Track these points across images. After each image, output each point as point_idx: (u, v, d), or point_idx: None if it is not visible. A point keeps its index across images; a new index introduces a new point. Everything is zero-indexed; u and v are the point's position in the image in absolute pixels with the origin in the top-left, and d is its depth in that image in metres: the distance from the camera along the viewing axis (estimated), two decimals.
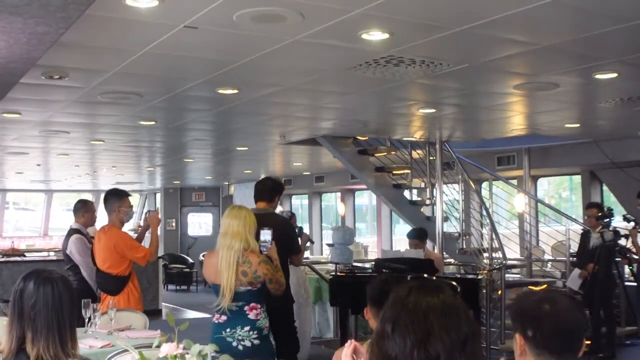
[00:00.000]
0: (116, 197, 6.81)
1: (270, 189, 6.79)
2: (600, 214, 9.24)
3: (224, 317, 4.98)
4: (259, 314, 5.04)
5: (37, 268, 3.29)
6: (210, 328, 5.15)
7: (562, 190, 19.43)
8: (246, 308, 4.98)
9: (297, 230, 7.04)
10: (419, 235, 8.88)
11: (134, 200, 22.00)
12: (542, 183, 15.33)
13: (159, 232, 7.33)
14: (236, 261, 4.87)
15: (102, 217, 7.43)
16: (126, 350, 4.03)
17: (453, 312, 2.18)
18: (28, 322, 3.04)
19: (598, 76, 6.56)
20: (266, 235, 5.29)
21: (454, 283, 7.30)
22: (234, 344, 4.96)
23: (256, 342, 4.97)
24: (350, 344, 3.79)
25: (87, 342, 5.10)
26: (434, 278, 7.62)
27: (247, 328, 4.97)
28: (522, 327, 2.48)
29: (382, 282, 4.00)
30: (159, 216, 7.18)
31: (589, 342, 2.54)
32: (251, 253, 4.96)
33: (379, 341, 2.17)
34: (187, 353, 2.64)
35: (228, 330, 4.99)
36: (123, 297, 6.58)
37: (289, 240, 6.57)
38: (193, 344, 2.69)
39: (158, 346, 2.72)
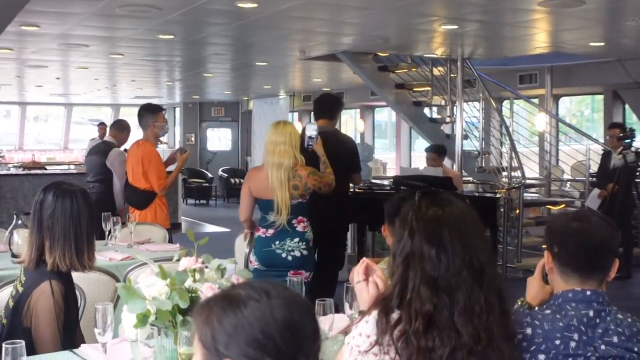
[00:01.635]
0: (150, 112, 6.80)
1: (331, 106, 6.76)
2: (622, 135, 9.16)
3: (271, 231, 5.11)
4: (306, 227, 5.21)
5: (57, 180, 3.33)
6: (257, 241, 5.25)
7: (584, 108, 19.23)
8: (294, 221, 5.14)
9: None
10: (437, 150, 8.84)
11: None
12: (564, 101, 15.15)
13: (177, 147, 7.35)
14: (287, 178, 4.97)
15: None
16: (146, 264, 4.09)
17: (478, 220, 2.22)
18: (46, 232, 3.13)
19: None
20: (312, 130, 5.42)
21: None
22: (284, 255, 5.13)
23: (305, 252, 5.17)
24: (362, 262, 3.81)
25: (107, 254, 5.17)
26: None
27: (296, 239, 5.15)
28: (550, 243, 2.48)
29: (399, 199, 4.00)
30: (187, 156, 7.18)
31: None
32: (300, 167, 5.06)
33: (412, 263, 2.16)
34: (206, 267, 2.66)
35: (277, 242, 5.14)
36: (150, 212, 6.64)
37: (351, 158, 6.58)
38: (212, 258, 2.71)
39: (178, 260, 2.74)
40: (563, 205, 11.16)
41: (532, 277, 2.64)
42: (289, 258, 5.12)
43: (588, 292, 2.37)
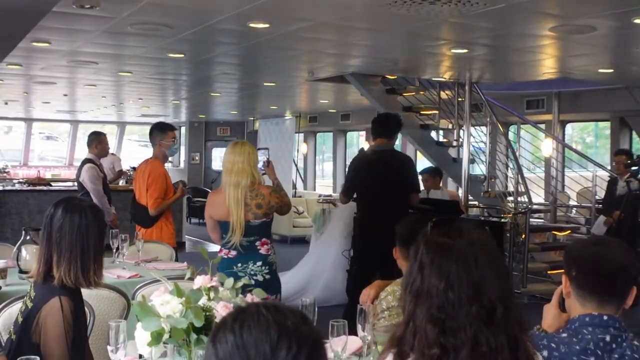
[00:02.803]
0: (159, 131, 6.85)
1: (390, 126, 6.78)
2: (629, 162, 9.16)
3: (234, 252, 4.98)
4: (269, 249, 5.08)
5: (68, 196, 3.34)
6: (220, 262, 5.04)
7: (586, 136, 19.24)
8: (258, 243, 5.02)
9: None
10: (431, 172, 8.85)
11: None
12: (567, 128, 15.16)
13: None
14: (244, 198, 4.88)
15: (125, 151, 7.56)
16: (156, 281, 4.08)
17: (493, 253, 2.14)
18: (55, 245, 3.14)
19: (637, 20, 6.41)
20: (263, 157, 5.40)
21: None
22: (246, 278, 4.96)
23: (267, 276, 5.02)
24: (372, 286, 3.79)
25: (115, 272, 5.16)
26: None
27: (259, 263, 5.01)
28: (568, 267, 2.47)
29: (412, 222, 3.99)
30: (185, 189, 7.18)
31: None
32: (260, 185, 4.99)
33: (420, 300, 2.08)
34: (221, 286, 2.65)
35: (239, 265, 5.01)
36: (156, 230, 6.64)
37: (410, 178, 6.57)
38: (226, 277, 2.70)
39: (190, 278, 2.73)
40: (569, 232, 11.15)
41: (548, 305, 2.61)
42: (252, 282, 4.86)
43: (605, 317, 2.36)
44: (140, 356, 2.64)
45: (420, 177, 8.79)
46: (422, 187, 8.72)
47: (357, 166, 7.09)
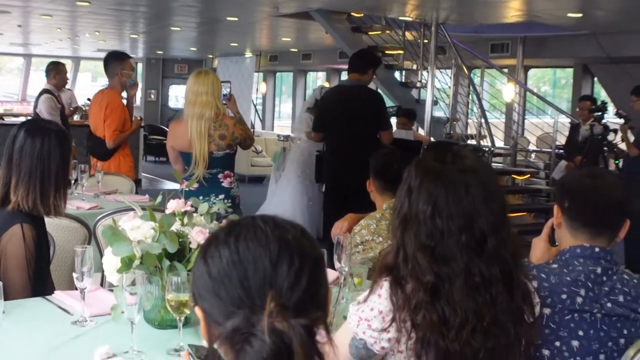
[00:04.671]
0: (117, 60, 6.59)
1: (363, 60, 6.62)
2: (594, 107, 9.16)
3: (195, 185, 4.78)
4: (232, 182, 4.96)
5: (37, 118, 3.19)
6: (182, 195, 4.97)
7: (542, 85, 19.33)
8: (220, 176, 4.90)
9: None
10: (408, 114, 8.76)
11: None
12: None
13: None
14: (207, 130, 4.72)
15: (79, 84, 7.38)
16: (117, 212, 3.94)
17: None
18: (14, 168, 2.99)
19: None
20: (225, 88, 5.19)
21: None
22: (221, 202, 4.83)
23: (230, 210, 4.78)
24: (345, 219, 3.71)
25: (74, 203, 5.02)
26: None
27: (221, 196, 4.89)
28: (561, 198, 2.40)
29: (385, 154, 3.90)
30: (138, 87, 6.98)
31: None
32: (224, 116, 4.83)
33: (408, 226, 2.00)
34: (195, 211, 2.52)
35: (201, 198, 4.85)
36: (114, 163, 6.44)
37: (378, 115, 6.42)
38: (201, 202, 2.58)
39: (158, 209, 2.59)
40: (528, 176, 11.22)
41: (537, 238, 2.54)
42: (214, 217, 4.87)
43: (597, 249, 2.31)
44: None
45: (396, 119, 8.73)
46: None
47: (326, 101, 6.97)
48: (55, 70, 8.17)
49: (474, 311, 1.92)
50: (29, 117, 17.37)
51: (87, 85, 23.75)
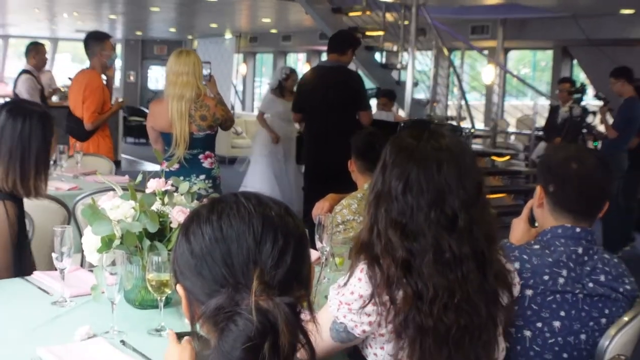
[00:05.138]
0: (97, 40, 6.50)
1: (342, 40, 6.57)
2: (573, 89, 9.19)
3: (176, 166, 4.76)
4: (212, 163, 4.94)
5: (19, 99, 3.16)
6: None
7: (522, 67, 19.37)
8: (201, 156, 4.87)
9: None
10: (388, 95, 8.75)
11: None
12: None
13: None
14: (188, 110, 4.68)
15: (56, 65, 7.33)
16: (96, 193, 3.91)
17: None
18: None
19: None
20: (205, 70, 5.12)
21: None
22: (202, 182, 4.81)
23: (211, 190, 4.79)
24: (326, 199, 3.70)
25: (53, 184, 4.96)
26: None
27: (202, 176, 4.86)
28: (545, 180, 2.38)
29: (368, 134, 3.90)
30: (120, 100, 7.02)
31: None
32: (206, 97, 4.79)
33: (381, 202, 2.01)
34: (175, 191, 2.51)
35: (182, 178, 4.82)
36: (93, 145, 6.38)
37: (356, 96, 6.39)
38: (181, 181, 2.56)
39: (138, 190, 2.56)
40: (508, 157, 11.24)
41: (517, 219, 2.53)
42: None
43: (578, 229, 2.31)
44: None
45: (376, 101, 8.71)
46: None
47: (304, 82, 6.95)
48: (35, 50, 8.15)
49: (445, 287, 1.92)
50: (7, 99, 17.27)
51: (67, 66, 23.55)
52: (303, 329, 1.24)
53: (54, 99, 12.77)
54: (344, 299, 1.97)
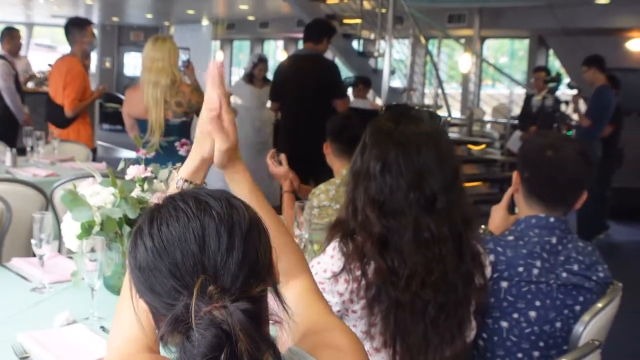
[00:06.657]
0: (78, 27, 6.46)
1: (317, 29, 6.57)
2: (548, 78, 9.26)
3: (152, 153, 4.59)
4: (189, 151, 4.87)
5: None
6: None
7: (500, 56, 19.44)
8: (177, 144, 4.84)
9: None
10: (364, 81, 8.76)
11: None
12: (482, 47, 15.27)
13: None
14: (163, 97, 4.67)
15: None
16: (70, 180, 3.90)
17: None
18: None
19: None
20: (183, 56, 5.15)
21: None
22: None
23: None
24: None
25: (30, 170, 4.98)
26: None
27: (178, 164, 4.81)
28: (521, 166, 2.42)
29: (343, 117, 3.94)
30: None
31: None
32: (182, 84, 4.77)
33: (360, 181, 2.07)
34: (155, 178, 2.52)
35: (158, 165, 4.83)
36: (73, 132, 6.35)
37: (332, 84, 6.39)
38: (161, 168, 2.57)
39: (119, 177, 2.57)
40: (484, 146, 11.31)
41: (496, 206, 2.57)
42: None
43: (551, 219, 2.34)
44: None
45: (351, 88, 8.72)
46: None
47: (280, 71, 6.95)
48: (9, 35, 8.11)
49: (423, 264, 1.99)
50: None
51: (43, 52, 23.36)
52: (262, 332, 1.17)
53: (30, 84, 12.70)
54: (317, 278, 2.00)
